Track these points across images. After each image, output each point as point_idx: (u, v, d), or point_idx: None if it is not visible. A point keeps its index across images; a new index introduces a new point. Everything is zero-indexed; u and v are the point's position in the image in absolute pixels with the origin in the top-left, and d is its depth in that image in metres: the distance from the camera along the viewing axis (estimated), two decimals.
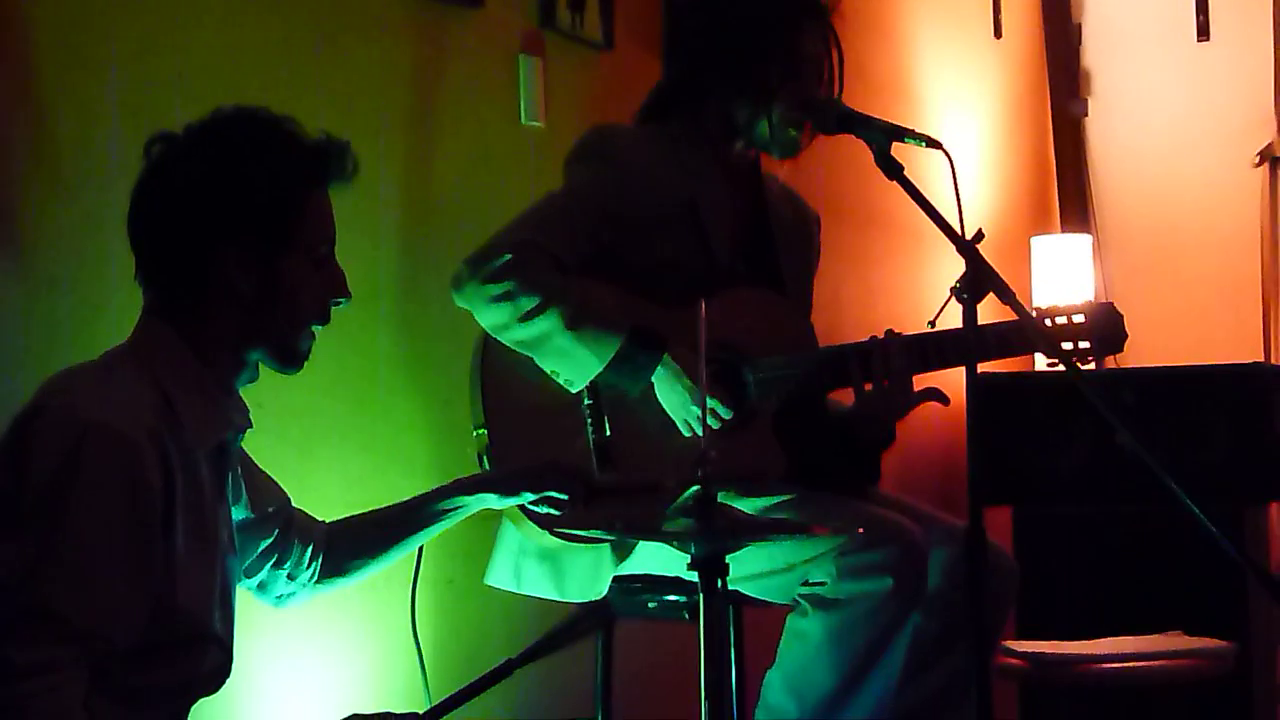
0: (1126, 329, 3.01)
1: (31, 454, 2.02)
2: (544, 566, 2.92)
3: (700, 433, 2.28)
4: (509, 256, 2.85)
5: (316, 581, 2.50)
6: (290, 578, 2.47)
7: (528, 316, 2.85)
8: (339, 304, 2.27)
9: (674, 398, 2.90)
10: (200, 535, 2.15)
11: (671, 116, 3.08)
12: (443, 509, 2.57)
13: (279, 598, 2.49)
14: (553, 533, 2.80)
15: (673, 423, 2.92)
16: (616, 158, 3.00)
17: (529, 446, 2.90)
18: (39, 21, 2.58)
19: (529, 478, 2.63)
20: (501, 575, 2.99)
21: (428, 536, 2.58)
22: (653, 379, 2.90)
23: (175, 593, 2.09)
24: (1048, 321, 3.00)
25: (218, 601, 2.20)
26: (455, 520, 2.59)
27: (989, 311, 2.59)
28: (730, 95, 3.01)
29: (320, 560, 2.49)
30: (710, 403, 2.89)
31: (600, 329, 2.87)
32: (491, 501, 2.62)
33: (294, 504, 2.50)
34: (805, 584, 2.86)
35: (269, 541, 2.43)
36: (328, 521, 2.54)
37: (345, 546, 2.53)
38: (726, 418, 2.90)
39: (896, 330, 2.96)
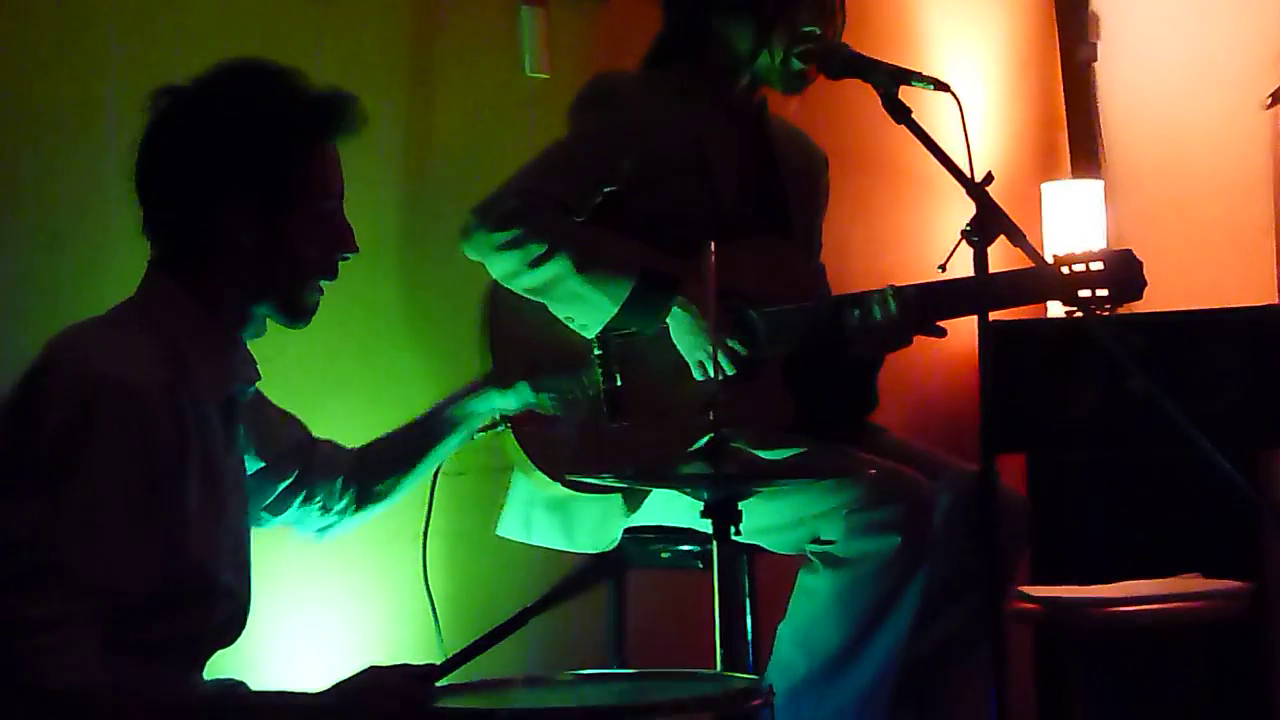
0: (1145, 277, 2.98)
1: (43, 410, 2.01)
2: (554, 517, 2.92)
3: (713, 374, 2.27)
4: (516, 204, 2.85)
5: (355, 510, 2.53)
6: (325, 510, 2.49)
7: (537, 262, 2.84)
8: (345, 258, 2.26)
9: (689, 338, 2.89)
10: (212, 488, 2.15)
11: (675, 63, 3.06)
12: (455, 416, 2.62)
13: (319, 530, 2.53)
14: (563, 482, 2.80)
15: (682, 371, 2.90)
16: (621, 104, 2.98)
17: None
18: None
19: (525, 373, 2.69)
20: (512, 526, 2.99)
21: (450, 446, 2.63)
22: (667, 320, 2.88)
23: (188, 547, 2.09)
24: (1065, 269, 2.97)
25: (231, 554, 2.20)
26: (471, 429, 2.64)
27: (1000, 259, 2.57)
28: (731, 31, 2.99)
29: (354, 489, 2.51)
30: (728, 341, 2.88)
31: (611, 272, 2.85)
32: (494, 399, 2.66)
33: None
34: (815, 541, 2.85)
35: (287, 483, 2.45)
36: (354, 448, 2.56)
37: (375, 469, 2.56)
38: (743, 354, 2.89)
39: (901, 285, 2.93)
